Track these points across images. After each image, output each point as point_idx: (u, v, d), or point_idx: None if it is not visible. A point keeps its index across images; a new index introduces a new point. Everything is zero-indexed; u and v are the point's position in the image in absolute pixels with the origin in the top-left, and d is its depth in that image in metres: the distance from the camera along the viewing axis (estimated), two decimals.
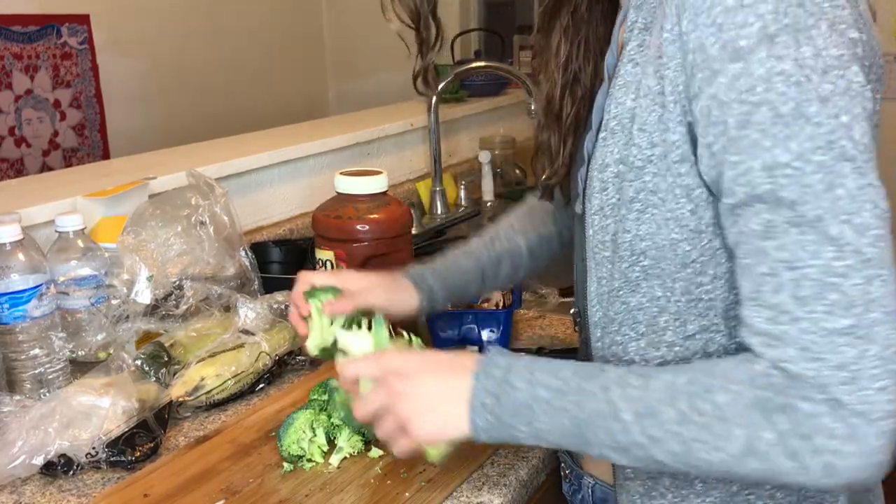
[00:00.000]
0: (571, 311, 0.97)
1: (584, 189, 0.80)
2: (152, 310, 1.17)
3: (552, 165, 0.91)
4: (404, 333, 0.87)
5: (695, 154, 0.68)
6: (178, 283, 1.19)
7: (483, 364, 0.75)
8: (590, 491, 0.91)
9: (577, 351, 0.98)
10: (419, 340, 0.86)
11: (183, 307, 1.17)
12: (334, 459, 0.93)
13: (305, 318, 0.90)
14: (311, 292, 0.91)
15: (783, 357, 0.64)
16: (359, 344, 0.86)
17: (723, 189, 0.67)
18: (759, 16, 0.62)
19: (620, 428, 0.68)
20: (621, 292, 0.77)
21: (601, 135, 0.76)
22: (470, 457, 0.93)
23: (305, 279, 0.94)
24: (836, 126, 0.62)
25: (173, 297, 1.17)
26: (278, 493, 0.88)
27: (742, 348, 0.68)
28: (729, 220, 0.68)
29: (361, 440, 0.95)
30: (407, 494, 0.87)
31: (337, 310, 0.90)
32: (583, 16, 0.89)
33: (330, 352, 0.88)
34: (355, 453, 0.94)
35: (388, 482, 0.89)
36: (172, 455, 0.97)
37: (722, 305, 0.73)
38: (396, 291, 0.97)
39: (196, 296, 1.18)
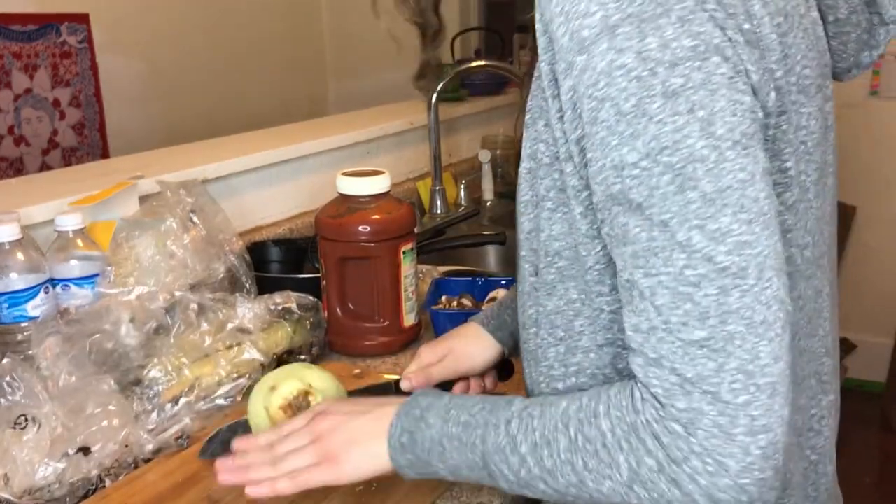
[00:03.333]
0: None
1: None
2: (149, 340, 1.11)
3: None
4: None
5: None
6: (169, 306, 1.13)
7: (405, 404, 0.74)
8: None
9: None
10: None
11: (182, 327, 1.12)
12: None
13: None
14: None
15: (649, 374, 0.60)
16: None
17: (591, 187, 0.62)
18: (602, 4, 0.57)
19: (518, 462, 0.66)
20: (538, 294, 0.74)
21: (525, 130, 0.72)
22: None
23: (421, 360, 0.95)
24: (686, 123, 0.56)
25: (168, 323, 1.12)
26: (261, 501, 0.84)
27: None
28: (601, 223, 0.63)
29: None
30: (392, 500, 0.85)
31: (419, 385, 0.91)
32: None
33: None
34: None
35: (374, 486, 0.87)
36: (157, 461, 0.94)
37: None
38: (475, 349, 0.96)
39: (189, 317, 1.12)
